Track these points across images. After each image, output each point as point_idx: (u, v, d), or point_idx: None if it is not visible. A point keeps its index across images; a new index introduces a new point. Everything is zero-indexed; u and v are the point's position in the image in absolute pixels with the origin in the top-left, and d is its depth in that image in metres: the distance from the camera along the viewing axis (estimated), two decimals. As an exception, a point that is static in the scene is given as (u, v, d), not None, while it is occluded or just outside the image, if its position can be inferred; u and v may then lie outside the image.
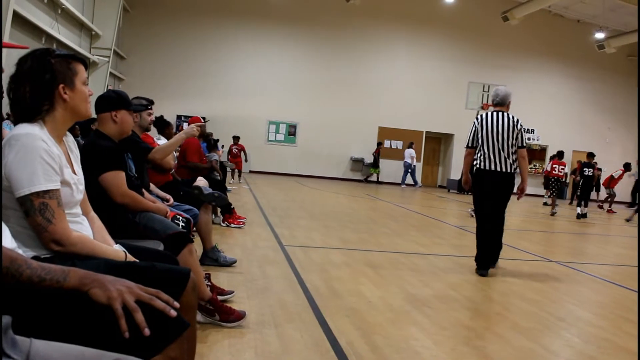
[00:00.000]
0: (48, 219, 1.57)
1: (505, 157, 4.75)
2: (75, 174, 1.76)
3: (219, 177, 6.85)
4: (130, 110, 2.71)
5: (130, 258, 1.81)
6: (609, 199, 16.09)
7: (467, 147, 5.00)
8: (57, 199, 1.60)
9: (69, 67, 1.70)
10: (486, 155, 4.79)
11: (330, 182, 18.29)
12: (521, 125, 4.83)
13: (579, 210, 12.24)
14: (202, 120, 6.52)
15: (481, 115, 4.94)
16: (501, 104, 4.91)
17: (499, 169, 4.75)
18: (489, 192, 4.84)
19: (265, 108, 19.41)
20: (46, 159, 1.58)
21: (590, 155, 13.12)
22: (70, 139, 1.83)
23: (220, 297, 3.02)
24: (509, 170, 4.76)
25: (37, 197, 1.55)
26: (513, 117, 4.81)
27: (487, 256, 4.82)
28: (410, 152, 18.89)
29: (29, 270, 1.22)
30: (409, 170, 19.00)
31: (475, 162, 4.91)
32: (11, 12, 8.95)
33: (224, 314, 2.76)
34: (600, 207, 16.58)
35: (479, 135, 4.86)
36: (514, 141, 4.78)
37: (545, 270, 5.29)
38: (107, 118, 2.63)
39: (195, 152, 6.08)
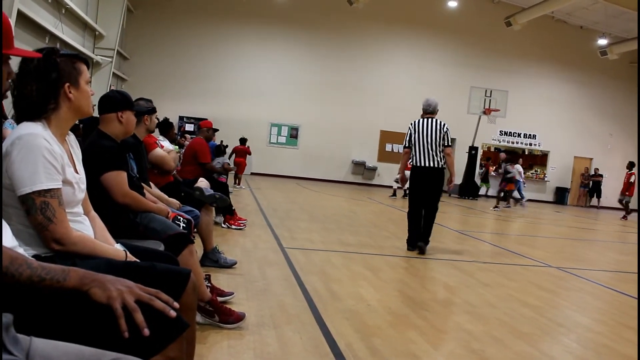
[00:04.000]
0: (49, 217, 1.57)
1: (434, 155, 5.62)
2: (77, 173, 1.77)
3: (226, 178, 6.91)
4: (133, 110, 2.73)
5: (131, 257, 1.82)
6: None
7: (405, 147, 5.94)
8: (59, 198, 1.61)
9: (74, 67, 1.72)
10: (419, 155, 5.69)
11: (332, 184, 18.29)
12: (447, 128, 5.67)
13: None
14: (212, 125, 6.59)
15: (414, 122, 5.81)
16: (433, 112, 5.82)
17: (429, 165, 5.63)
18: (422, 185, 5.73)
19: (268, 110, 19.43)
20: (48, 157, 1.58)
21: None
22: (72, 138, 1.84)
23: (220, 299, 3.03)
24: (437, 166, 5.64)
25: (38, 196, 1.56)
26: (440, 122, 5.69)
27: (415, 237, 5.76)
28: (517, 168, 18.55)
29: (29, 270, 1.23)
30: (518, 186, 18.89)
31: (411, 161, 5.85)
32: (15, 12, 8.98)
33: (223, 315, 2.77)
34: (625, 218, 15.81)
35: (413, 138, 5.75)
36: (441, 141, 5.64)
37: (545, 275, 5.28)
38: (113, 118, 2.63)
39: (207, 152, 6.10)
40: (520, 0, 18.72)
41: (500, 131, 20.73)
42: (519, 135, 21.21)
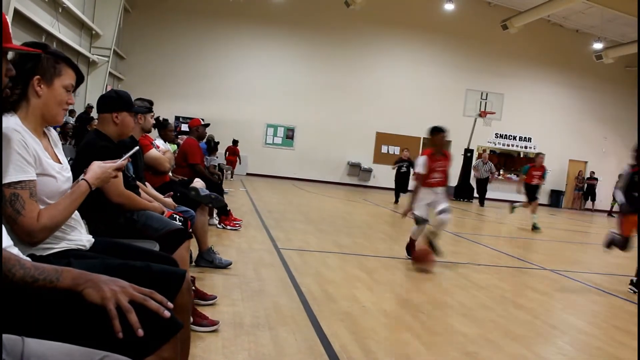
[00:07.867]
0: (18, 210, 1.53)
1: None
2: (59, 162, 1.75)
3: (218, 180, 6.83)
4: (131, 112, 2.69)
5: (93, 177, 1.76)
6: None
7: None
8: (30, 190, 1.56)
9: (54, 66, 1.69)
10: None
11: (327, 186, 18.29)
12: None
13: None
14: (202, 122, 6.50)
15: None
16: None
17: None
18: None
19: (264, 111, 19.42)
20: (20, 151, 1.55)
21: None
22: (53, 132, 1.82)
23: (203, 302, 3.07)
24: None
25: (7, 188, 1.52)
26: None
27: None
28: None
29: (22, 271, 1.22)
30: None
31: None
32: (12, 10, 8.95)
33: (197, 317, 2.70)
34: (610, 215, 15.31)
35: None
36: None
37: (539, 278, 5.30)
38: (108, 119, 2.61)
39: (197, 152, 6.04)
40: (516, 4, 18.80)
41: (495, 134, 20.79)
42: (515, 138, 21.28)
